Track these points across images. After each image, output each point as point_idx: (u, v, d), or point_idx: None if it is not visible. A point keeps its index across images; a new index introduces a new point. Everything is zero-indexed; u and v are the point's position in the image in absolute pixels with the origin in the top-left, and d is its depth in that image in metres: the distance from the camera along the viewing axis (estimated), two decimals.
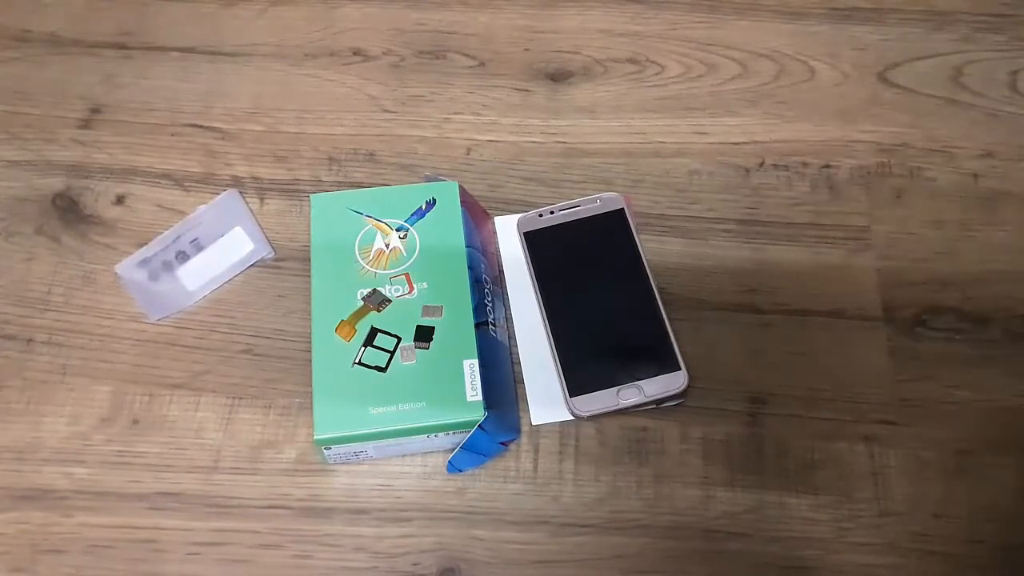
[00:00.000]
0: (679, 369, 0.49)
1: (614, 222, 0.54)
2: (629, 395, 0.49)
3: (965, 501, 0.48)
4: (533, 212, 0.55)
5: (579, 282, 0.52)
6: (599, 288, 0.52)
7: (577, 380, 0.50)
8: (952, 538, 0.47)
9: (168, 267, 0.53)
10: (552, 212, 0.54)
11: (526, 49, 0.62)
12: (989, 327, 0.52)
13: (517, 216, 0.55)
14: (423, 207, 0.51)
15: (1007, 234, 0.55)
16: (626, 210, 0.54)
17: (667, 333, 0.51)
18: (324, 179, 0.57)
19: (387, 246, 0.50)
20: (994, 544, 0.47)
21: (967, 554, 0.46)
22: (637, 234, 0.54)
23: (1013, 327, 0.52)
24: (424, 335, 0.47)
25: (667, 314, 0.51)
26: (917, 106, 0.60)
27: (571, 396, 0.49)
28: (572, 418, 0.50)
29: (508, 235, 0.55)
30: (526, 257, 0.54)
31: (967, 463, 0.49)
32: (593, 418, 0.49)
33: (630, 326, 0.51)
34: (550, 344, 0.51)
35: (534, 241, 0.54)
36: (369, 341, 0.47)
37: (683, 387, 0.49)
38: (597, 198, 0.55)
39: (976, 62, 0.61)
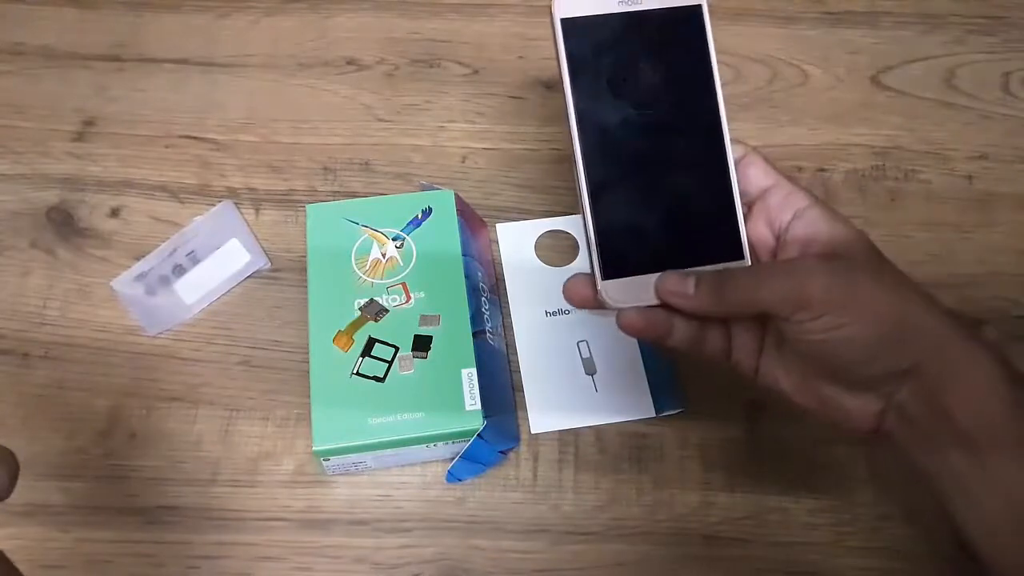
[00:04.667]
0: (743, 258, 0.38)
1: (685, 26, 0.38)
2: None
3: None
4: None
5: (626, 109, 0.38)
6: (653, 125, 0.38)
7: (614, 257, 0.38)
8: (953, 541, 0.47)
9: (165, 281, 0.53)
10: None
11: (520, 56, 0.62)
12: (984, 329, 0.52)
13: (519, 223, 0.55)
14: (419, 216, 0.51)
15: (1002, 235, 0.56)
16: (704, 9, 0.38)
17: (733, 202, 0.38)
18: (319, 189, 0.57)
19: (383, 256, 0.50)
20: None
21: (968, 557, 0.46)
22: (713, 49, 0.39)
23: (1009, 328, 0.53)
24: (422, 345, 0.47)
25: (736, 177, 0.39)
26: (910, 109, 0.60)
27: (604, 279, 0.38)
28: (572, 426, 0.50)
29: (509, 242, 0.55)
30: (561, 59, 0.37)
31: None
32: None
33: (688, 187, 0.38)
34: (582, 202, 0.38)
35: (575, 35, 0.37)
36: (367, 351, 0.47)
37: None
38: None
39: (968, 64, 0.62)
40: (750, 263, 0.38)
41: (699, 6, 0.38)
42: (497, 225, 0.55)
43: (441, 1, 0.64)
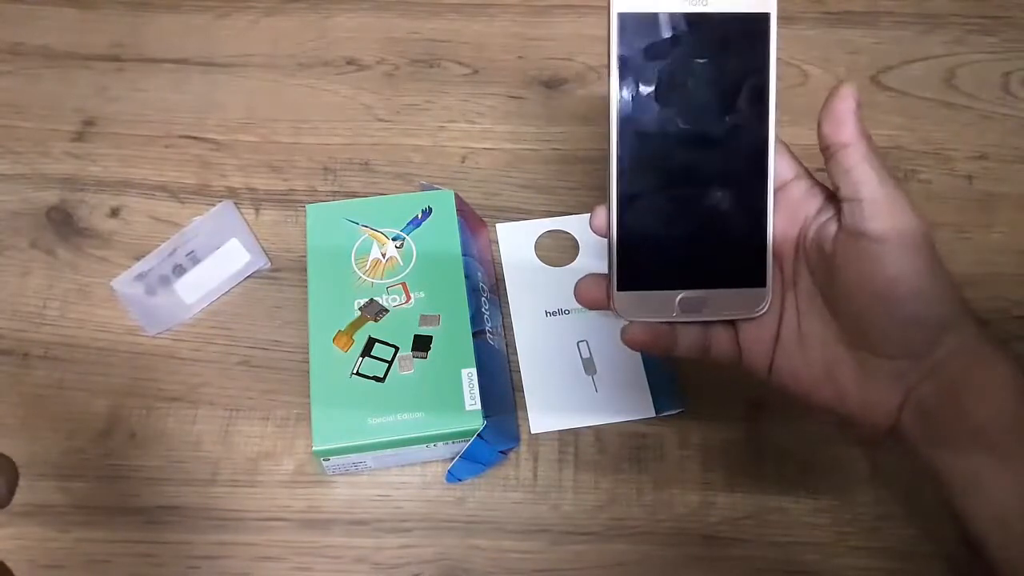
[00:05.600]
0: (764, 285, 0.38)
1: (749, 35, 0.36)
2: (691, 307, 0.38)
3: None
4: None
5: (671, 115, 0.36)
6: (697, 138, 0.37)
7: (633, 268, 0.37)
8: (952, 540, 0.47)
9: (165, 281, 0.53)
10: None
11: (520, 56, 0.62)
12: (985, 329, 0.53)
13: (519, 223, 0.55)
14: (419, 216, 0.51)
15: (1002, 236, 0.56)
16: (772, 18, 0.36)
17: (765, 229, 0.37)
18: (319, 189, 0.57)
19: (383, 256, 0.50)
20: None
21: (968, 556, 0.46)
22: (775, 63, 0.37)
23: (1009, 328, 0.53)
24: (422, 344, 0.47)
25: (774, 200, 0.38)
26: (910, 109, 0.60)
27: (619, 290, 0.37)
28: (572, 426, 0.50)
29: (509, 242, 0.55)
30: (612, 55, 0.36)
31: None
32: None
33: (722, 208, 0.37)
34: (609, 208, 0.37)
35: (630, 30, 0.36)
36: (367, 351, 0.47)
37: (763, 311, 0.38)
38: None
39: (968, 64, 0.62)
40: (770, 292, 0.38)
41: (767, 14, 0.36)
42: (497, 225, 0.55)
43: (441, 1, 0.64)
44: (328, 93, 0.61)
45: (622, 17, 0.36)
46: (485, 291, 0.51)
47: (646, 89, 0.36)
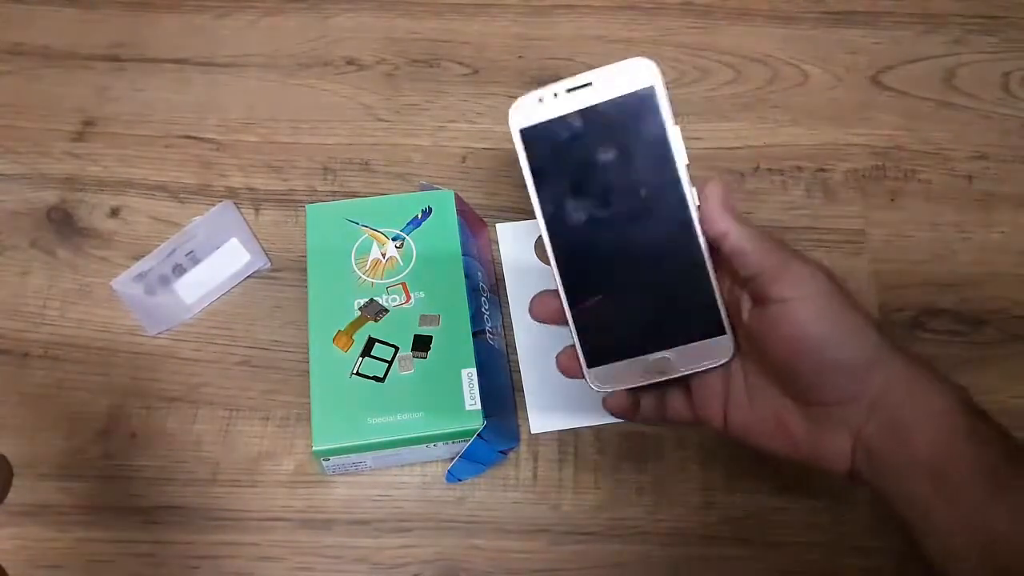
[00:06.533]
0: (724, 333, 0.39)
1: (641, 111, 0.38)
2: (661, 367, 0.39)
3: None
4: (531, 97, 0.38)
5: (593, 204, 0.38)
6: (621, 217, 0.38)
7: (597, 347, 0.39)
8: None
9: (165, 281, 0.53)
10: (556, 95, 0.38)
11: (520, 56, 0.62)
12: (985, 328, 0.53)
13: (519, 223, 0.55)
14: (419, 216, 0.51)
15: (1002, 235, 0.56)
16: (657, 90, 0.37)
17: (709, 281, 0.38)
18: (319, 189, 0.57)
19: (383, 256, 0.50)
20: None
21: None
22: (673, 124, 0.38)
23: (1009, 328, 0.53)
24: (422, 344, 0.47)
25: (709, 254, 0.38)
26: (910, 109, 0.60)
27: (589, 367, 0.40)
28: (572, 426, 0.50)
29: (509, 242, 0.55)
30: (524, 168, 0.39)
31: None
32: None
33: (662, 273, 0.39)
34: (561, 298, 0.39)
35: (535, 142, 0.38)
36: (367, 351, 0.47)
37: (730, 356, 0.39)
38: (617, 69, 0.38)
39: (968, 64, 0.62)
40: (731, 338, 0.39)
41: (651, 87, 0.38)
42: (497, 225, 0.55)
43: (441, 1, 0.64)
44: (328, 93, 0.61)
45: (523, 132, 0.38)
46: (485, 291, 0.51)
47: (564, 187, 0.38)
